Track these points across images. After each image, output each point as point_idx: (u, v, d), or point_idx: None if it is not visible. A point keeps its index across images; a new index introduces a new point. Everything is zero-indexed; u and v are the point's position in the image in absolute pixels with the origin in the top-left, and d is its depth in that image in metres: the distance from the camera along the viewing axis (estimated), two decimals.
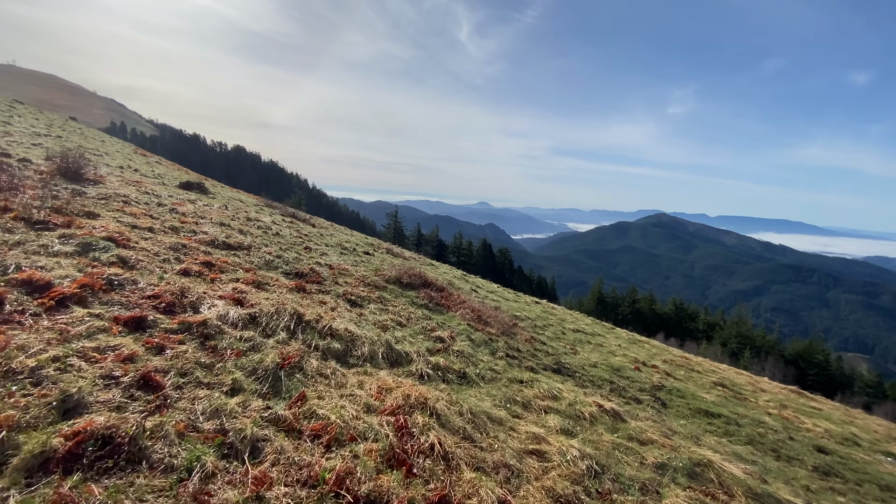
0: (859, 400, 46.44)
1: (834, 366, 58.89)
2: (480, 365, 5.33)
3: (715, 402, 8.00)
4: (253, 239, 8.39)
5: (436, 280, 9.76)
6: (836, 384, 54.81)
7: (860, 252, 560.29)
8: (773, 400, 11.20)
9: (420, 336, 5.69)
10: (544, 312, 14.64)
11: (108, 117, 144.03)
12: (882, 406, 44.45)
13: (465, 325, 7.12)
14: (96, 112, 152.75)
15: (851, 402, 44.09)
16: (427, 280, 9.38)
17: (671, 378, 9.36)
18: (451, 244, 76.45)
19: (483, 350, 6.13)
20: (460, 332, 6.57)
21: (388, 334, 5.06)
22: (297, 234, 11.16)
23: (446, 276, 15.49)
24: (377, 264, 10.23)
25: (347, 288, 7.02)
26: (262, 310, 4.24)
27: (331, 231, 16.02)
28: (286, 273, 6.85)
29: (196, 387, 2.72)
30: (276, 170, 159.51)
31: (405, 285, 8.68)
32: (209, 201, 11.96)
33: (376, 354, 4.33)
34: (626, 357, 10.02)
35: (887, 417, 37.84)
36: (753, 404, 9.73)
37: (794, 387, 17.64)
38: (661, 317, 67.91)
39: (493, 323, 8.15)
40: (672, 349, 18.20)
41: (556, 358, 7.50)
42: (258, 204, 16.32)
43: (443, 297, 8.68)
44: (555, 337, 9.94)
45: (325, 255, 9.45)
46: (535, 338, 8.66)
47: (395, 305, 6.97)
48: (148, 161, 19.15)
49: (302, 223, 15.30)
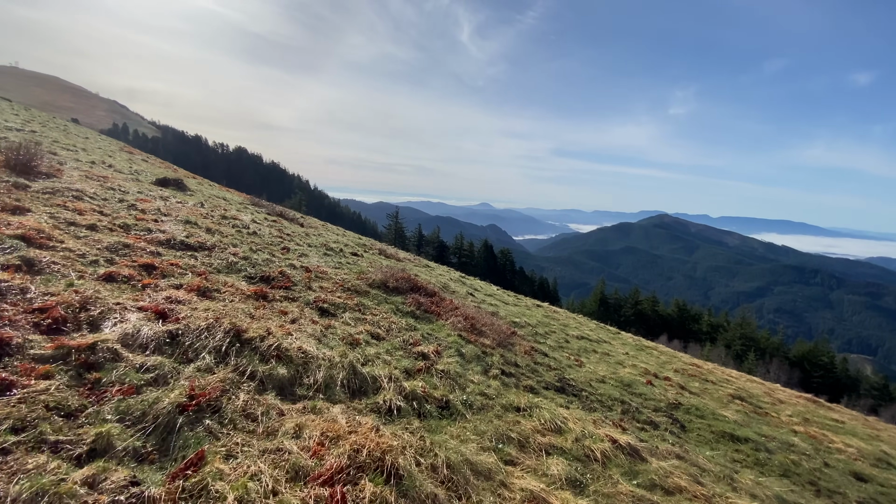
0: (866, 403, 45.36)
1: (839, 368, 57.79)
2: (469, 388, 4.44)
3: (738, 422, 7.09)
4: (221, 238, 7.52)
5: (426, 284, 8.88)
6: (841, 387, 53.73)
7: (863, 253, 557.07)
8: (794, 413, 10.28)
9: (399, 352, 4.80)
10: (546, 317, 13.75)
11: (110, 119, 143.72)
12: (889, 409, 43.37)
13: (455, 336, 6.23)
14: (98, 114, 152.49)
15: (858, 404, 43.05)
16: (416, 284, 8.50)
17: (686, 392, 8.45)
18: (453, 245, 75.61)
19: (474, 367, 5.24)
20: (449, 346, 5.69)
21: (357, 352, 4.17)
22: (278, 233, 10.30)
23: (442, 278, 14.60)
24: (364, 266, 9.36)
25: (321, 294, 6.14)
26: (190, 325, 3.36)
27: (320, 231, 15.15)
28: (249, 277, 5.97)
29: (31, 450, 1.85)
30: (278, 171, 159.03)
31: (391, 290, 7.80)
32: (184, 198, 11.10)
33: (334, 382, 3.44)
34: (636, 368, 9.11)
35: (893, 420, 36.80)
36: (776, 420, 8.82)
37: (809, 395, 16.71)
38: (664, 318, 66.90)
39: (488, 332, 7.26)
40: (681, 355, 17.27)
41: (560, 373, 6.60)
42: (244, 202, 15.46)
43: (433, 303, 7.80)
44: (557, 346, 9.04)
45: (305, 257, 8.58)
46: (536, 348, 7.76)
47: (375, 314, 6.09)
48: (131, 158, 18.32)
49: (289, 222, 14.44)
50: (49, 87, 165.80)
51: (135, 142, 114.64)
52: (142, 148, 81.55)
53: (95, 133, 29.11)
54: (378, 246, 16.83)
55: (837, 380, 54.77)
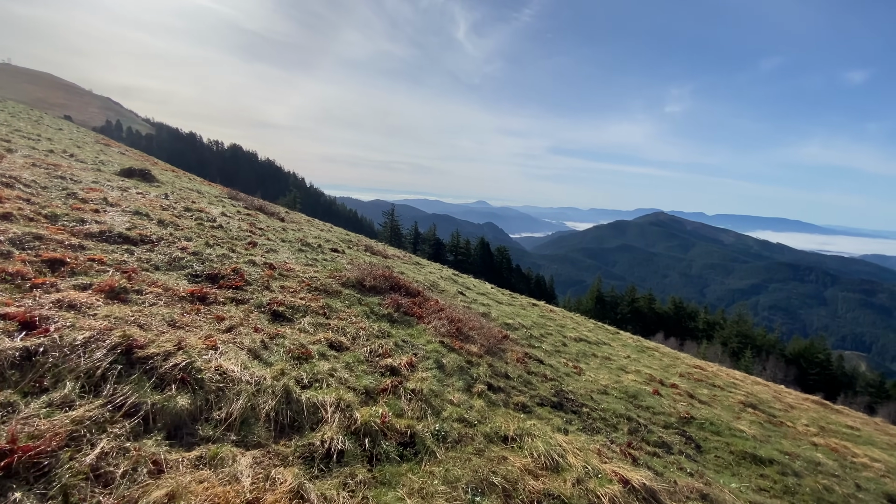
0: (862, 400, 44.93)
1: (835, 365, 57.42)
2: (445, 412, 3.59)
3: (756, 438, 6.29)
4: (173, 232, 6.63)
5: (409, 283, 8.02)
6: (837, 384, 53.36)
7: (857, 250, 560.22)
8: (809, 421, 9.52)
9: (362, 366, 3.95)
10: (542, 318, 12.93)
11: (103, 116, 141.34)
12: (885, 406, 42.97)
13: (436, 343, 5.39)
14: (92, 111, 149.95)
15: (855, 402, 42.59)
16: (398, 282, 7.64)
17: (695, 402, 7.65)
18: (449, 243, 74.76)
19: (455, 382, 4.40)
20: (427, 355, 4.85)
21: (303, 369, 3.31)
22: (248, 227, 9.40)
23: (431, 276, 13.75)
24: (342, 263, 8.49)
25: (279, 295, 5.28)
26: (62, 339, 2.49)
27: (302, 226, 14.25)
28: (193, 275, 5.10)
29: None
30: (273, 168, 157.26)
31: (367, 290, 6.93)
32: (147, 189, 10.17)
33: (256, 414, 2.59)
34: (640, 375, 8.31)
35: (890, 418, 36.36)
36: (793, 430, 8.05)
37: (815, 397, 16.03)
38: (661, 316, 66.38)
39: (475, 337, 6.42)
40: (683, 356, 16.53)
41: (557, 384, 5.78)
42: (220, 195, 14.53)
43: (414, 304, 6.95)
44: (554, 350, 8.22)
45: (273, 253, 7.70)
46: (530, 354, 6.93)
47: (342, 318, 5.23)
48: (103, 150, 17.31)
49: (267, 217, 13.54)
50: (42, 83, 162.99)
51: (128, 139, 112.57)
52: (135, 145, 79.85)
53: (74, 126, 28.00)
54: (365, 242, 15.96)
55: (834, 377, 54.41)
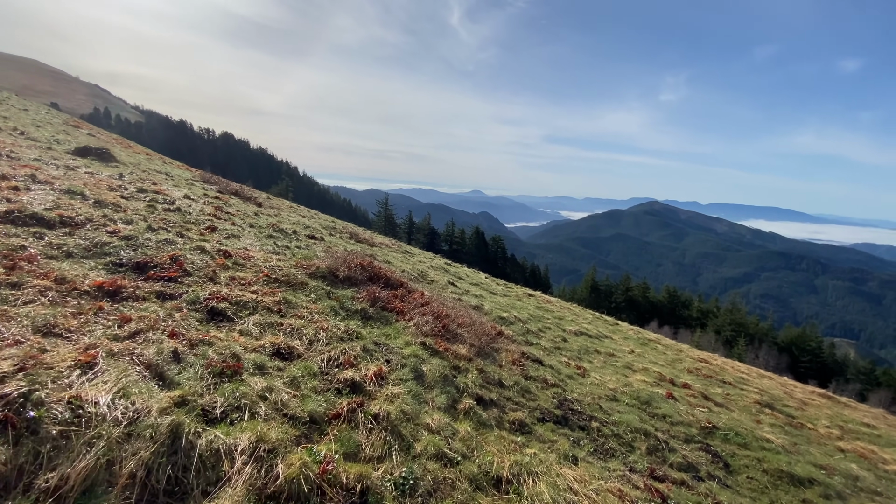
0: (853, 387, 45.04)
1: (827, 353, 57.60)
2: (419, 445, 2.71)
3: (786, 449, 5.51)
4: (110, 213, 5.64)
5: (391, 273, 7.10)
6: (828, 371, 53.54)
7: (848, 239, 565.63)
8: (828, 421, 8.80)
9: (313, 382, 3.05)
10: (539, 309, 12.10)
11: (91, 103, 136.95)
12: (876, 393, 43.10)
13: (416, 344, 4.49)
14: (79, 98, 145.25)
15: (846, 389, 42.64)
16: (377, 273, 6.71)
17: (711, 404, 6.87)
18: (444, 232, 73.76)
19: (436, 398, 3.51)
20: (404, 361, 3.95)
21: (218, 394, 2.40)
22: (213, 211, 8.39)
23: (421, 265, 12.84)
24: (315, 251, 7.54)
25: (225, 288, 4.34)
26: None
27: (280, 212, 13.23)
28: (116, 264, 4.14)
29: None
30: (266, 157, 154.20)
31: (340, 281, 6.01)
32: (99, 169, 9.11)
33: (112, 475, 1.70)
34: (649, 374, 7.51)
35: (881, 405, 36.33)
36: (815, 434, 7.32)
37: (821, 390, 15.46)
38: (655, 305, 66.17)
39: (464, 336, 5.53)
40: (685, 347, 15.86)
41: (560, 391, 4.92)
42: (193, 179, 13.44)
43: (395, 298, 6.04)
44: (553, 347, 7.38)
45: (234, 239, 6.73)
46: (528, 354, 6.07)
47: (301, 315, 4.31)
48: (69, 131, 16.05)
49: (242, 201, 12.50)
50: (28, 70, 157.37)
51: (117, 127, 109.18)
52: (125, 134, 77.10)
53: (44, 107, 26.43)
54: (350, 229, 14.98)
55: (825, 365, 54.58)
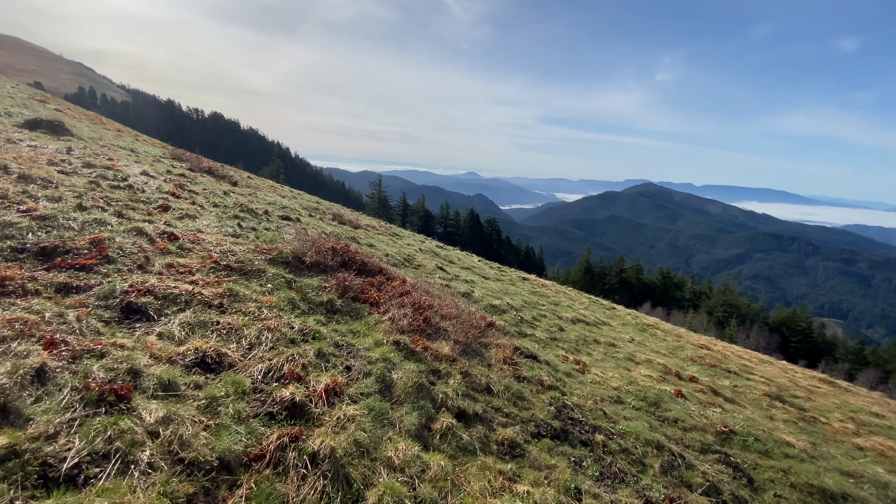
0: (842, 367, 45.51)
1: (816, 333, 58.17)
2: (373, 494, 2.01)
3: (808, 453, 4.94)
4: (33, 190, 4.80)
5: (370, 257, 6.33)
6: (818, 351, 54.10)
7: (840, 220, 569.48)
8: (840, 413, 8.30)
9: (239, 404, 2.32)
10: (533, 295, 11.45)
11: (76, 82, 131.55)
12: (864, 373, 43.61)
13: (389, 344, 3.77)
14: (63, 76, 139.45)
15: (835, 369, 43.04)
16: (353, 257, 5.95)
17: (721, 400, 6.28)
18: (438, 215, 72.75)
19: (406, 417, 2.81)
20: (369, 368, 3.24)
21: (80, 435, 1.67)
22: (173, 189, 7.53)
23: (408, 248, 12.08)
24: (284, 234, 6.74)
25: (154, 278, 3.56)
26: None
27: (259, 192, 12.32)
28: (16, 249, 3.35)
29: None
30: (257, 138, 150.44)
31: (307, 267, 5.24)
32: (47, 143, 8.15)
33: None
34: (652, 366, 6.89)
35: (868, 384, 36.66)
36: (830, 429, 6.79)
37: (821, 375, 15.13)
38: (648, 286, 66.15)
39: (448, 330, 4.83)
40: (682, 332, 15.38)
41: (557, 395, 4.26)
42: (162, 156, 12.44)
43: (371, 286, 5.30)
44: (549, 339, 6.72)
45: (188, 219, 5.91)
46: (521, 348, 5.40)
47: (247, 311, 3.56)
48: (27, 104, 14.81)
49: (216, 180, 11.57)
50: (9, 48, 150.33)
51: (103, 107, 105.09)
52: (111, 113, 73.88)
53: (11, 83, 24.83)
54: (334, 210, 14.12)
55: (815, 344, 55.12)
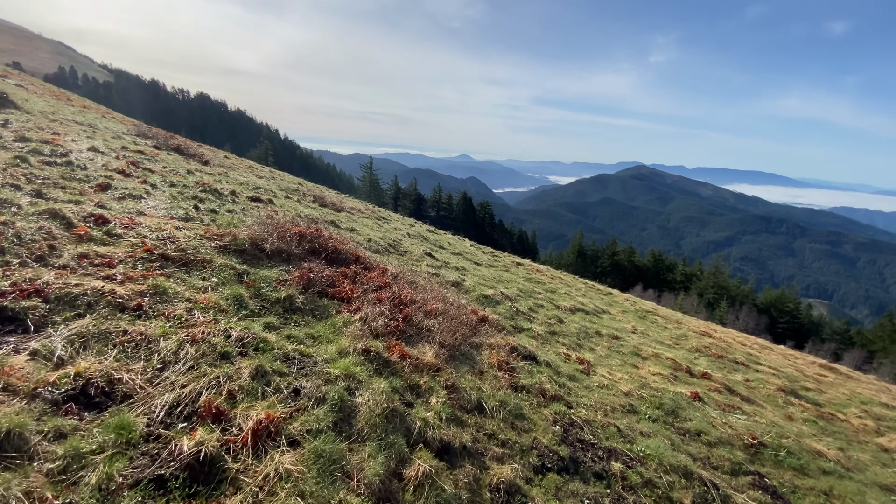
0: (829, 347, 46.08)
1: (804, 314, 58.88)
2: None
3: (842, 465, 4.36)
4: None
5: (345, 244, 5.53)
6: (805, 332, 54.78)
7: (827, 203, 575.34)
8: (855, 407, 7.81)
9: (112, 464, 1.57)
10: (528, 282, 10.76)
11: (55, 62, 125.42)
12: (850, 353, 44.21)
13: (357, 353, 3.03)
14: (42, 56, 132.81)
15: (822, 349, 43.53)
16: (324, 244, 5.15)
17: (738, 399, 5.69)
18: (431, 198, 71.47)
19: (367, 463, 2.08)
20: (325, 390, 2.50)
21: None
22: (124, 166, 6.61)
23: (395, 233, 11.28)
24: (247, 218, 5.91)
25: (53, 274, 2.76)
26: None
27: (230, 172, 11.34)
28: None
29: None
30: (245, 119, 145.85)
31: (267, 256, 4.45)
32: None
33: None
34: (661, 362, 6.27)
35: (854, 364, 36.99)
36: (850, 427, 6.27)
37: (821, 360, 14.79)
38: (640, 269, 66.15)
39: (433, 330, 4.09)
40: (680, 316, 14.91)
41: (562, 409, 3.57)
42: (124, 132, 11.37)
43: (344, 278, 4.53)
44: (549, 333, 6.05)
45: (132, 200, 5.06)
46: (518, 348, 4.70)
47: (170, 315, 2.78)
48: None
49: (185, 158, 10.59)
50: None
51: (84, 87, 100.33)
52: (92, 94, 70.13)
53: None
54: (316, 192, 13.19)
55: (802, 325, 55.78)
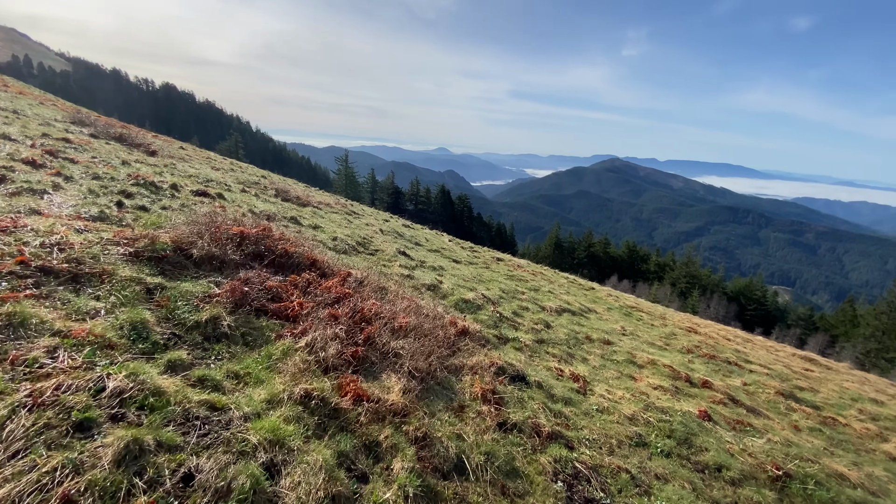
0: (794, 332, 47.78)
1: (770, 301, 61.13)
2: None
3: (866, 489, 3.86)
4: None
5: (299, 245, 4.68)
6: (772, 318, 56.84)
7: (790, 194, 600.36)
8: (853, 409, 7.50)
9: None
10: (510, 279, 10.10)
11: (8, 50, 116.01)
12: (814, 337, 45.96)
13: (293, 400, 2.25)
14: None
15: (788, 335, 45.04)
16: (270, 246, 4.29)
17: (743, 411, 5.17)
18: (408, 191, 70.17)
19: None
20: (238, 470, 1.68)
21: None
22: (38, 156, 5.53)
23: (367, 229, 10.41)
24: (180, 216, 4.97)
25: None
26: None
27: (186, 164, 10.19)
28: None
29: None
30: (214, 111, 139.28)
31: (195, 263, 3.57)
32: None
33: None
34: (657, 370, 5.70)
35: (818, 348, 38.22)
36: (853, 433, 5.87)
37: (802, 352, 14.83)
38: (615, 259, 67.15)
39: (402, 353, 3.33)
40: (663, 310, 14.65)
41: (560, 451, 2.89)
42: (58, 119, 10.04)
43: (291, 288, 3.71)
44: (536, 342, 5.38)
45: (29, 196, 4.07)
46: (505, 367, 3.98)
47: (17, 360, 1.91)
48: None
49: (128, 148, 9.39)
50: None
51: (41, 77, 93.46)
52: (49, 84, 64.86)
53: None
54: (279, 185, 12.12)
55: (769, 312, 57.85)
